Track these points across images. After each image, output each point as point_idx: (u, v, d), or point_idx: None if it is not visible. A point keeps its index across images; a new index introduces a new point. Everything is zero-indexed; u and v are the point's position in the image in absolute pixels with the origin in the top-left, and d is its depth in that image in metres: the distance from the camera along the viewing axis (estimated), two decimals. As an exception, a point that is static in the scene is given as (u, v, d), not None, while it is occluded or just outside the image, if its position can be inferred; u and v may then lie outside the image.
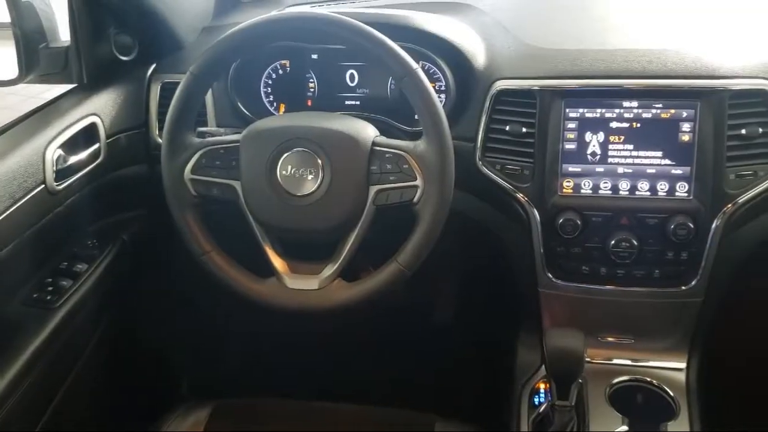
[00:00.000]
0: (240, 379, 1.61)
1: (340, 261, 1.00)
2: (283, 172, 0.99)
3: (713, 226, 1.09)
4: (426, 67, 1.19)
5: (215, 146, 1.02)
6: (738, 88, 1.07)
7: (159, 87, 1.28)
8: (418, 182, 0.96)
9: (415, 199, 0.96)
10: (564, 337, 1.04)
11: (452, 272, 1.65)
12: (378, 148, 0.98)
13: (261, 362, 1.69)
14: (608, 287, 1.16)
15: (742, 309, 1.37)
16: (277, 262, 1.02)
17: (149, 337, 1.44)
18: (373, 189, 0.98)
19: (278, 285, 1.01)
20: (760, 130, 1.07)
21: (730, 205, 1.08)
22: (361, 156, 0.97)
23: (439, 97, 1.18)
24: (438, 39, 1.17)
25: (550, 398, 1.10)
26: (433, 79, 1.19)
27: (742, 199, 1.08)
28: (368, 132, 1.00)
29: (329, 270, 1.00)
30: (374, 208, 0.98)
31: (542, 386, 1.21)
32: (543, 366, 1.21)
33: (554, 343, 1.04)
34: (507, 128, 1.13)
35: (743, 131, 1.07)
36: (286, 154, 0.99)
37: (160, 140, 1.22)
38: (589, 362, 1.22)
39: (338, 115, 1.07)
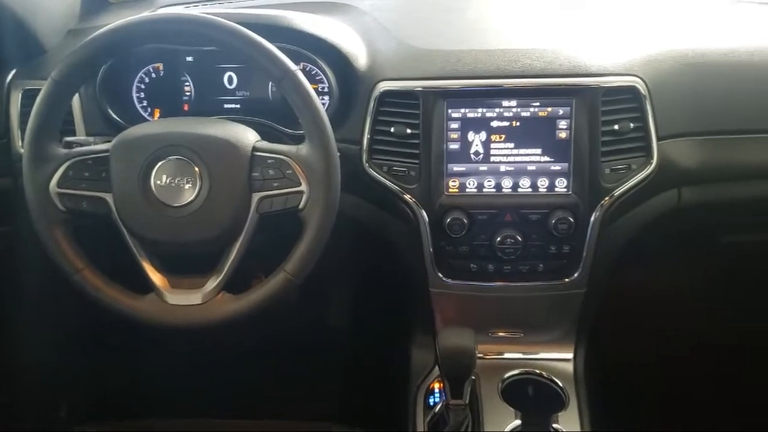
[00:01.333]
0: (125, 400, 1.53)
1: (223, 273, 0.96)
2: (158, 182, 0.94)
3: (592, 219, 1.13)
4: (307, 69, 1.17)
5: (83, 157, 0.96)
6: (610, 85, 1.11)
7: (20, 94, 1.19)
8: (303, 187, 0.94)
9: (301, 205, 0.94)
10: (455, 336, 1.05)
11: (344, 276, 1.64)
12: (259, 153, 0.95)
13: (148, 381, 1.61)
14: (496, 283, 1.18)
15: (622, 298, 1.43)
16: (156, 278, 0.97)
17: (22, 359, 1.34)
18: (256, 196, 0.94)
19: (158, 301, 0.96)
20: (632, 125, 1.12)
21: (607, 198, 1.12)
22: (241, 162, 0.94)
23: (322, 99, 1.16)
24: (318, 40, 1.15)
25: (444, 398, 1.10)
26: (315, 81, 1.17)
27: (617, 192, 1.12)
28: (248, 137, 0.97)
29: (213, 283, 0.96)
30: (258, 216, 0.95)
31: (437, 386, 1.22)
32: (437, 366, 1.22)
33: (446, 342, 1.04)
34: (392, 130, 1.12)
35: (616, 127, 1.11)
36: (160, 163, 0.94)
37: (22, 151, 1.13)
38: (481, 358, 1.23)
39: (216, 120, 1.03)
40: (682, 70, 1.18)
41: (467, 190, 1.13)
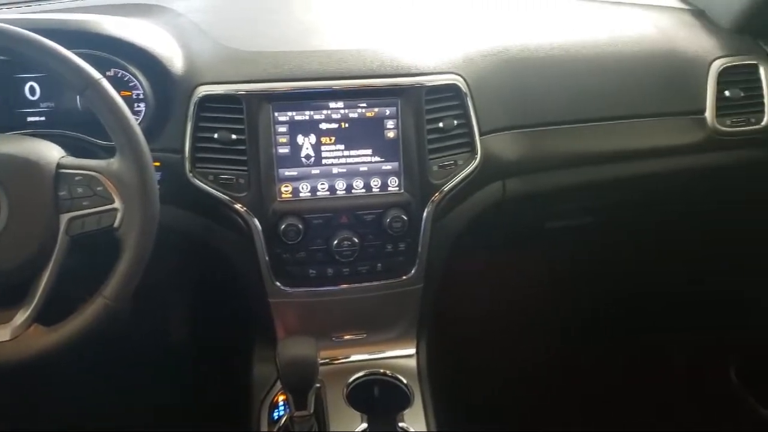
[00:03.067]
0: None
1: (34, 304, 0.87)
2: None
3: (424, 215, 1.14)
4: (119, 75, 1.08)
5: None
6: (432, 84, 1.13)
7: None
8: (117, 204, 0.86)
9: (116, 224, 0.87)
10: (295, 346, 1.02)
11: (183, 291, 1.56)
12: (65, 170, 0.86)
13: None
14: (336, 287, 1.17)
15: (457, 290, 1.48)
16: None
17: None
18: (65, 217, 0.86)
19: None
20: (456, 122, 1.15)
21: (437, 194, 1.14)
22: (44, 182, 0.85)
23: (138, 106, 1.08)
24: (127, 44, 1.07)
25: (289, 410, 1.07)
26: (128, 88, 1.08)
27: (446, 187, 1.15)
28: (51, 153, 0.88)
29: (22, 316, 0.87)
30: (68, 238, 0.86)
31: (281, 399, 1.18)
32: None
33: (286, 353, 1.01)
34: (216, 136, 1.07)
35: (441, 124, 1.13)
36: None
37: None
38: (325, 364, 1.22)
39: (12, 137, 0.93)
40: (500, 67, 1.23)
41: (301, 194, 1.10)
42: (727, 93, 1.31)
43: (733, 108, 1.31)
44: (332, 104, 1.10)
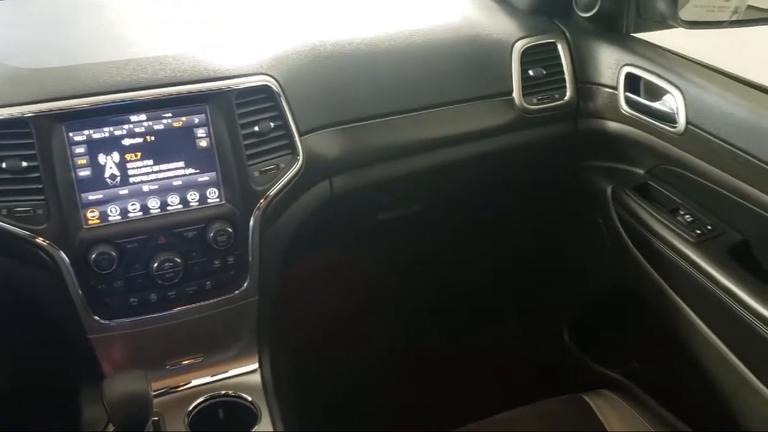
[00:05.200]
0: None
1: None
2: None
3: (251, 224, 1.09)
4: None
5: None
6: (242, 86, 1.08)
7: None
8: None
9: None
10: (123, 382, 0.94)
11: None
12: None
13: None
14: (164, 312, 1.09)
15: (298, 295, 1.45)
16: None
17: None
18: None
19: None
20: (272, 124, 1.10)
21: (262, 201, 1.10)
22: None
23: None
24: None
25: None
26: None
27: (271, 193, 1.10)
28: None
29: None
30: None
31: (115, 440, 1.09)
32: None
33: (113, 391, 0.93)
34: (3, 165, 0.96)
35: (256, 128, 1.09)
36: None
37: None
38: (162, 394, 1.14)
39: None
40: (313, 64, 1.20)
41: (110, 218, 1.01)
42: (530, 72, 1.36)
43: (538, 86, 1.37)
44: (134, 117, 1.02)
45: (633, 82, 1.31)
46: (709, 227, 1.26)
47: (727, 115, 1.13)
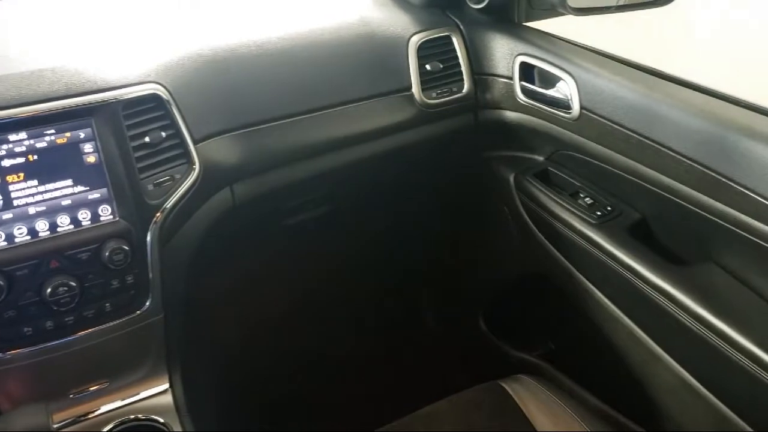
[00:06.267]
0: None
1: None
2: None
3: (148, 240, 1.05)
4: None
5: None
6: (129, 96, 1.03)
7: None
8: None
9: None
10: (21, 418, 0.89)
11: None
12: None
13: None
14: (63, 339, 1.02)
15: (216, 309, 1.40)
16: None
17: None
18: None
19: None
20: (164, 134, 1.06)
21: (158, 215, 1.05)
22: None
23: None
24: None
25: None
26: None
27: (168, 205, 1.06)
28: None
29: None
30: None
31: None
32: None
33: (11, 429, 0.87)
34: None
35: (147, 139, 1.05)
36: None
37: None
38: (67, 425, 1.07)
39: None
40: (204, 70, 1.17)
41: None
42: (428, 67, 1.37)
43: (436, 80, 1.38)
44: (12, 137, 0.95)
45: (527, 71, 1.34)
46: (609, 208, 1.30)
47: (619, 98, 1.17)
